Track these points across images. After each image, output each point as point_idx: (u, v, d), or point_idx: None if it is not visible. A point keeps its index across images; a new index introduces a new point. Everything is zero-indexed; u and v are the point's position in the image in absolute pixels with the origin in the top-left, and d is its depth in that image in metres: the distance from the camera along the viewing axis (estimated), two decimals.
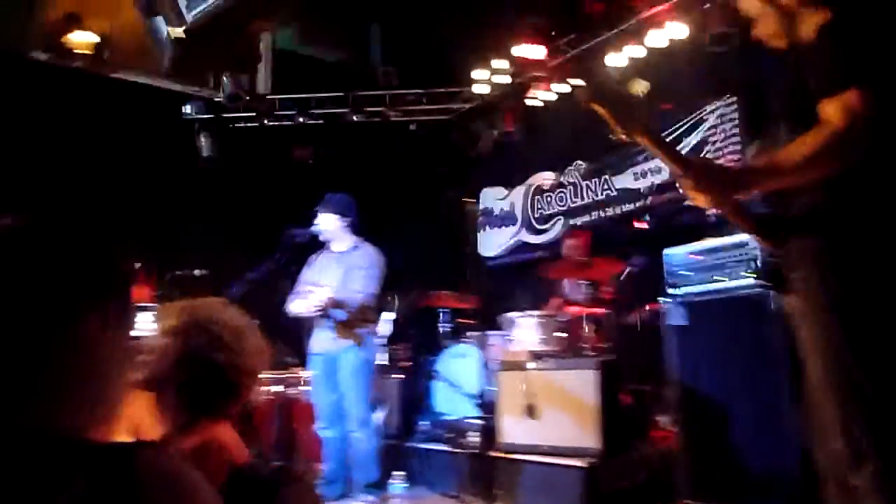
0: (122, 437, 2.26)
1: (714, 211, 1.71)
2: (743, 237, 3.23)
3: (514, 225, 6.85)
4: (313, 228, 4.11)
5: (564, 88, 5.95)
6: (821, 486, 1.68)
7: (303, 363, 5.10)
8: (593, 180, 6.16)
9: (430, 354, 5.08)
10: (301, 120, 6.59)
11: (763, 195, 1.70)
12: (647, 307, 4.53)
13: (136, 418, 2.31)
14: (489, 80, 6.26)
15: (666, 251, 3.61)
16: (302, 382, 5.25)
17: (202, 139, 6.18)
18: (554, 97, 5.97)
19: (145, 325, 2.76)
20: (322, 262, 4.18)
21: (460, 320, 5.47)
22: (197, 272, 4.44)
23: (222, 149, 6.31)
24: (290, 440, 5.32)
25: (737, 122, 5.11)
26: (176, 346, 1.35)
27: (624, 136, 1.61)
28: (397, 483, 3.70)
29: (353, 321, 3.95)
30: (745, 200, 1.66)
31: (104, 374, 0.78)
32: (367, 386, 3.94)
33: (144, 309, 2.59)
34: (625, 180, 5.85)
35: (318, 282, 4.08)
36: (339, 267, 4.09)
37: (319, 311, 3.90)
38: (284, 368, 5.21)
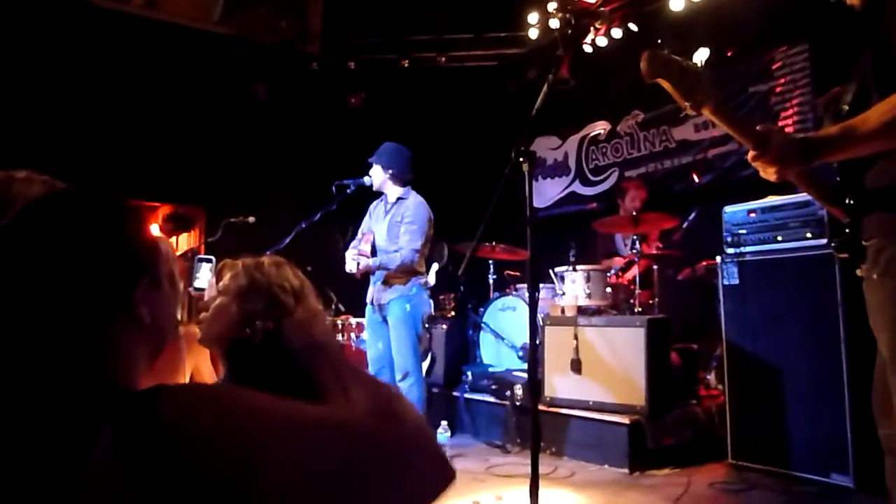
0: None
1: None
2: (807, 196, 3.11)
3: (566, 175, 6.78)
4: (363, 179, 4.15)
5: (622, 33, 5.75)
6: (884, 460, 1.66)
7: (354, 310, 5.27)
8: (651, 131, 5.97)
9: (478, 306, 5.15)
10: (351, 65, 6.58)
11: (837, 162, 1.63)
12: (701, 265, 4.45)
13: (195, 369, 2.44)
14: (544, 24, 6.08)
15: (726, 208, 3.51)
16: (353, 329, 5.41)
17: (256, 85, 6.22)
18: (611, 42, 5.77)
19: (205, 276, 2.81)
20: (376, 212, 4.28)
21: (509, 272, 5.52)
22: (251, 219, 4.38)
23: (276, 95, 6.34)
24: None
25: (808, 71, 4.81)
26: (235, 310, 1.38)
27: (692, 111, 1.55)
28: (442, 432, 3.80)
29: (397, 275, 4.04)
30: (815, 167, 1.59)
31: (157, 327, 0.85)
32: (413, 336, 4.01)
33: (205, 260, 2.66)
34: (684, 131, 5.65)
35: (370, 230, 4.20)
36: (385, 218, 4.17)
37: (360, 274, 4.01)
38: (336, 315, 5.39)
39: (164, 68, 5.85)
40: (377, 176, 4.14)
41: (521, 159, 2.12)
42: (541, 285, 4.82)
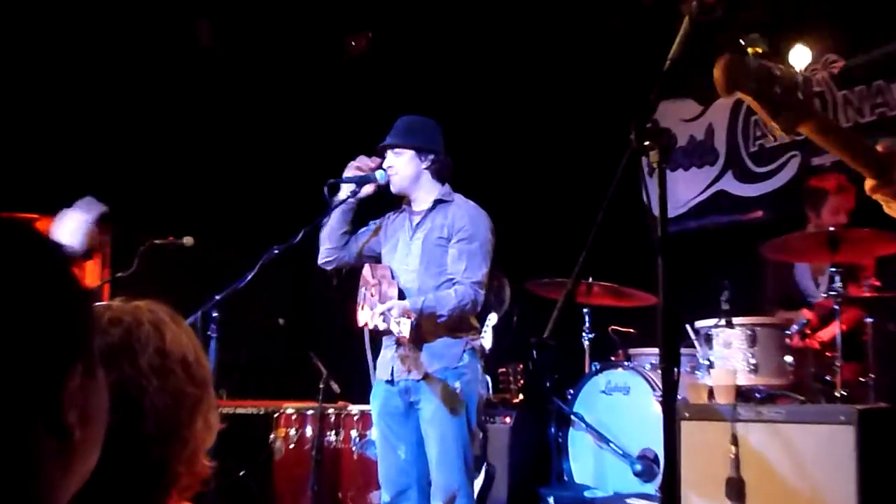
0: None
1: None
2: None
3: (712, 164, 6.73)
4: (375, 174, 4.17)
5: None
6: None
7: (354, 393, 5.31)
8: (856, 89, 5.91)
9: (565, 385, 5.16)
10: None
11: None
12: None
13: None
14: None
15: None
16: (354, 425, 5.37)
17: (197, 23, 6.35)
18: None
19: None
20: (393, 231, 4.29)
21: (616, 328, 5.48)
22: (186, 241, 4.51)
23: (228, 39, 6.42)
24: None
25: None
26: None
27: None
28: None
29: (442, 329, 4.04)
30: None
31: (87, 445, 0.89)
32: (465, 435, 4.02)
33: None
34: None
35: (387, 264, 4.20)
36: (417, 238, 4.19)
37: (407, 334, 3.93)
38: (327, 401, 5.40)
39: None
40: (404, 168, 4.16)
41: (645, 143, 2.10)
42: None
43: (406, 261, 4.16)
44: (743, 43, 1.79)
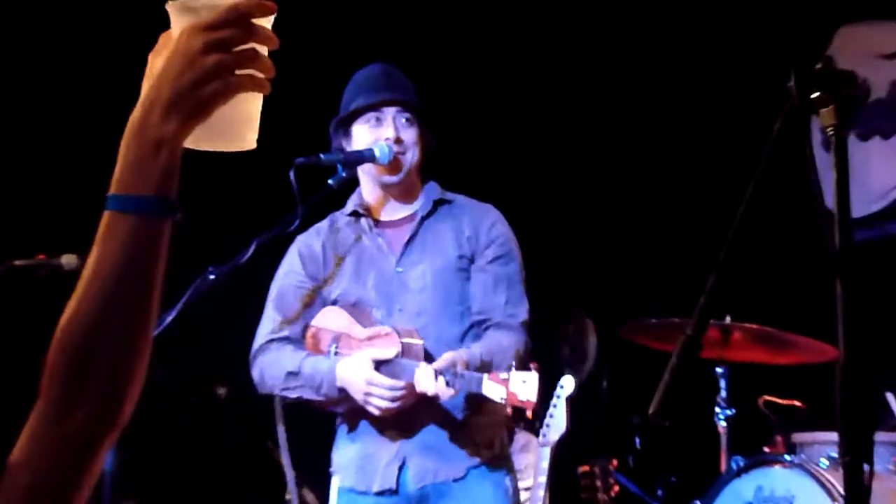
0: None
1: None
2: None
3: None
4: (372, 150, 4.20)
5: None
6: None
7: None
8: None
9: (689, 493, 5.11)
10: None
11: None
12: None
13: None
14: None
15: None
16: None
17: None
18: None
19: None
20: (350, 263, 4.39)
21: (771, 399, 5.36)
22: (66, 261, 4.44)
23: None
24: None
25: None
26: None
27: None
28: None
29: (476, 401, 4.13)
30: None
31: None
32: None
33: None
34: None
35: (369, 304, 4.31)
36: (412, 262, 4.33)
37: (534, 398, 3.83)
38: None
39: None
40: (415, 145, 4.32)
41: (813, 95, 2.15)
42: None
43: (398, 302, 4.26)
44: None
